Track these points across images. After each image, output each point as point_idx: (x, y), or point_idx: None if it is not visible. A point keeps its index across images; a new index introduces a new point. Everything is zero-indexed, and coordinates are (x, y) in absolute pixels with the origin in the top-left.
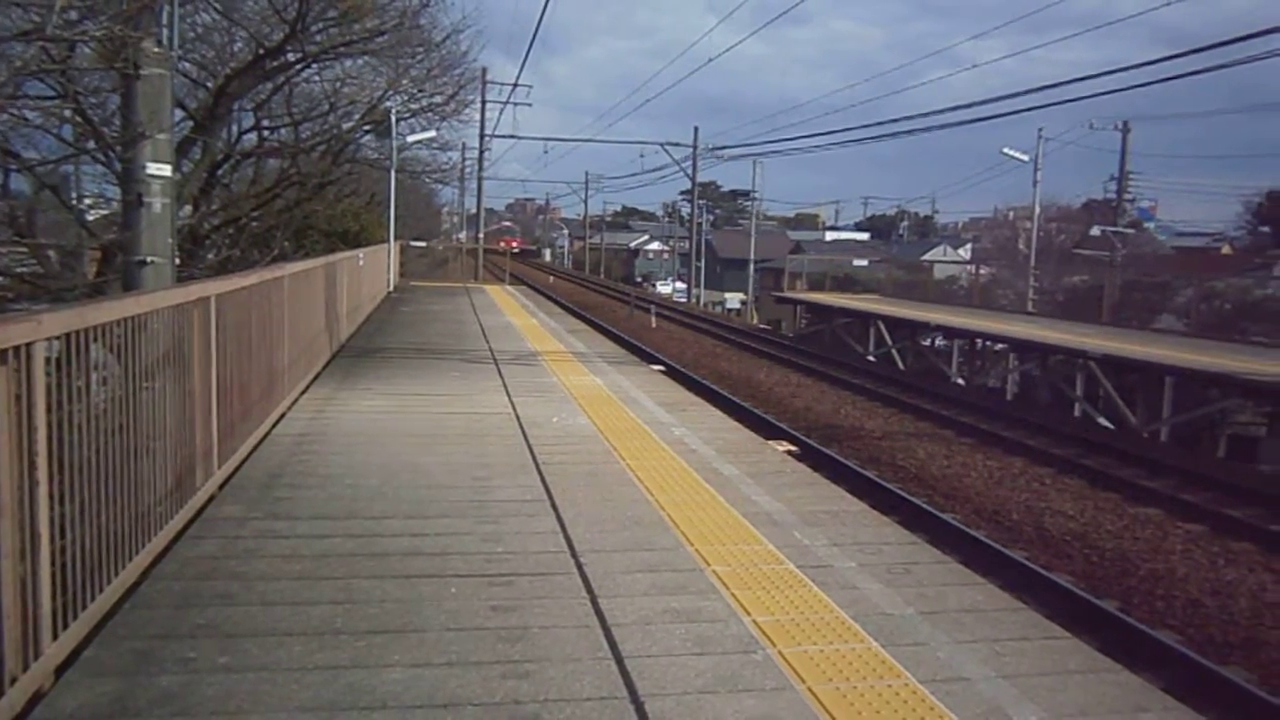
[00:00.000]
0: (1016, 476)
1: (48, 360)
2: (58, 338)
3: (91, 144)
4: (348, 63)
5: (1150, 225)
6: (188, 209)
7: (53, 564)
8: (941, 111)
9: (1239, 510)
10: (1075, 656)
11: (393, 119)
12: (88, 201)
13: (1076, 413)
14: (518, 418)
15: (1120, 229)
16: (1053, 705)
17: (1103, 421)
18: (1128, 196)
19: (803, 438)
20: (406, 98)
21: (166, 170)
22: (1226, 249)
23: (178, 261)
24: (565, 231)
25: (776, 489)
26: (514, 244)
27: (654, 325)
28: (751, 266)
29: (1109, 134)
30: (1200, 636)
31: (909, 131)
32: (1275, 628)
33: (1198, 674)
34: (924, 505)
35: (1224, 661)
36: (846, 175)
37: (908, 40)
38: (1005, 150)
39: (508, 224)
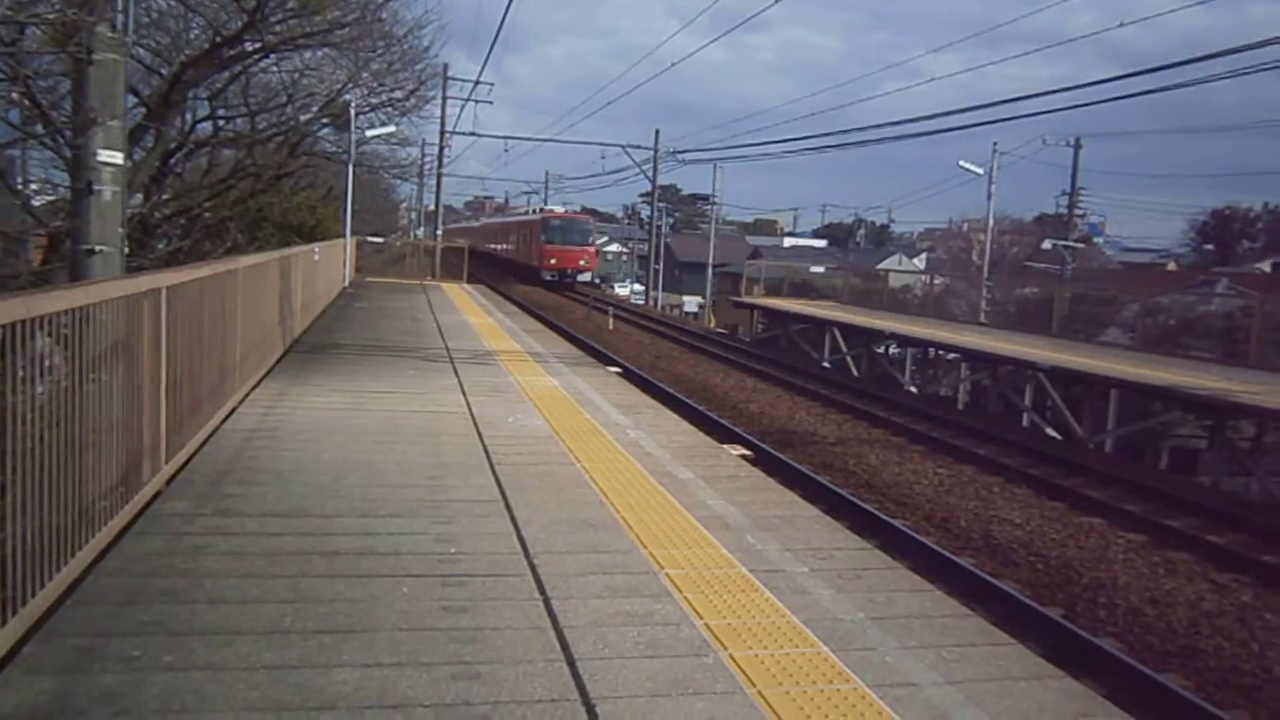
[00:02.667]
0: (966, 484)
1: None
2: (1, 327)
3: (40, 128)
4: (307, 54)
5: (1099, 240)
6: (139, 198)
7: None
8: (899, 123)
9: (1179, 521)
10: (1020, 663)
11: (352, 112)
12: (34, 187)
13: (1025, 423)
14: (473, 417)
15: (1071, 243)
16: (998, 711)
17: (1050, 432)
18: (1078, 212)
19: (757, 442)
20: (366, 91)
21: (118, 158)
22: (1172, 265)
23: (127, 251)
24: None
25: (730, 493)
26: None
27: (611, 327)
28: (710, 270)
29: (1061, 150)
30: (1140, 644)
31: (867, 142)
32: (1211, 636)
33: (1138, 681)
34: (875, 511)
35: (1162, 668)
36: (805, 182)
37: (865, 50)
38: (961, 163)
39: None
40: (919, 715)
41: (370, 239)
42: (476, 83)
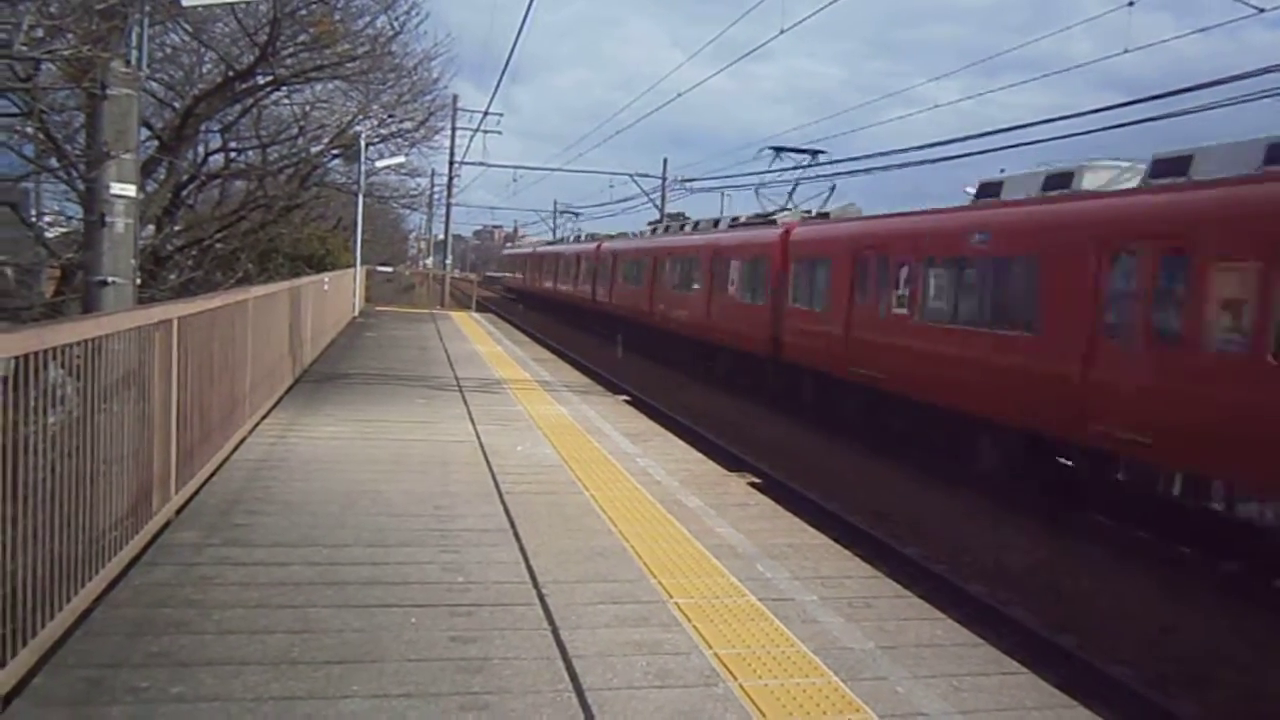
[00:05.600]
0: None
1: (2, 380)
2: (14, 358)
3: (54, 161)
4: (318, 87)
5: None
6: (151, 229)
7: (1, 589)
8: (903, 150)
9: None
10: (1032, 693)
11: (362, 143)
12: (47, 219)
13: None
14: (482, 446)
15: None
16: None
17: None
18: None
19: (767, 470)
20: (376, 123)
21: (131, 190)
22: None
23: (139, 282)
24: None
25: (739, 521)
26: None
27: (619, 355)
28: None
29: None
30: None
31: (873, 169)
32: None
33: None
34: (885, 539)
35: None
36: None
37: (865, 78)
38: (966, 189)
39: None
40: None
41: (380, 268)
42: (485, 113)
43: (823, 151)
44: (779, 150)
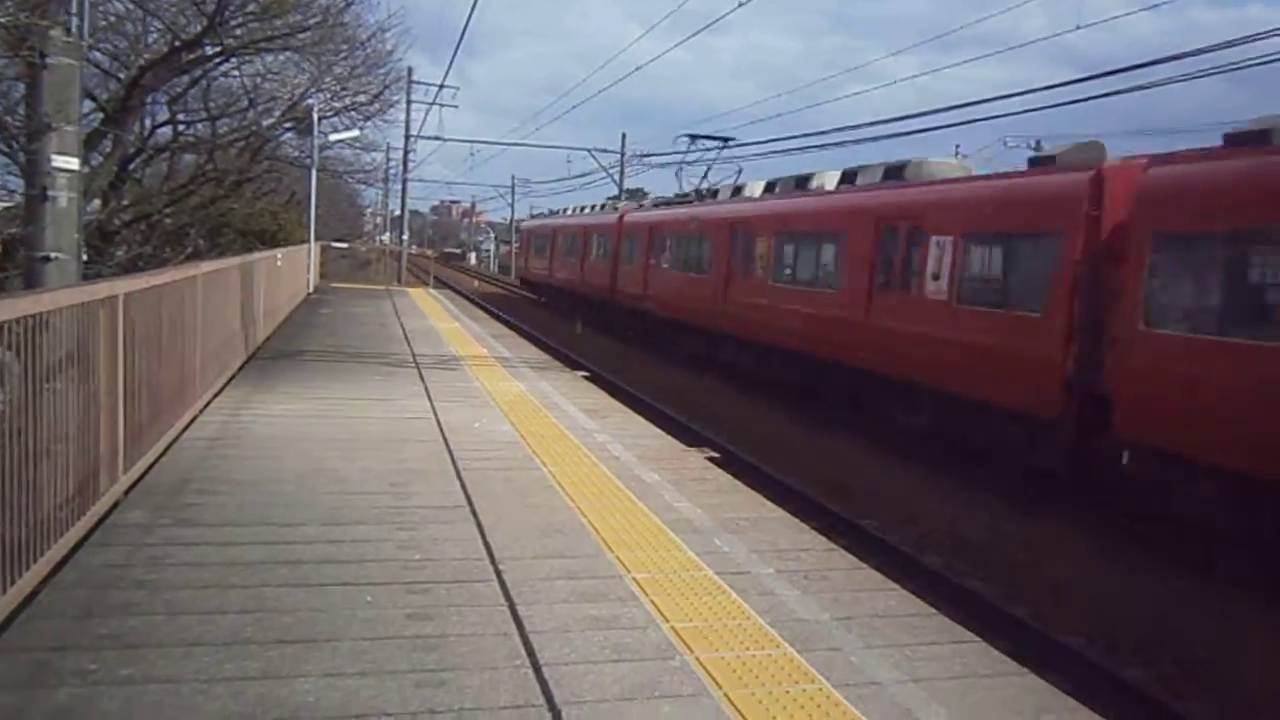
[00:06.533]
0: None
1: None
2: None
3: None
4: (269, 58)
5: None
6: (97, 204)
7: None
8: (860, 126)
9: None
10: (983, 660)
11: (315, 117)
12: None
13: None
14: (439, 423)
15: None
16: (960, 708)
17: None
18: None
19: (725, 444)
20: (330, 95)
21: (74, 163)
22: None
23: (85, 258)
24: (491, 235)
25: (697, 495)
26: None
27: (579, 331)
28: None
29: (1023, 152)
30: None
31: (829, 145)
32: None
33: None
34: (842, 512)
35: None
36: None
37: (823, 53)
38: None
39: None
40: (883, 714)
41: (335, 244)
42: (441, 86)
43: (732, 139)
44: (694, 137)
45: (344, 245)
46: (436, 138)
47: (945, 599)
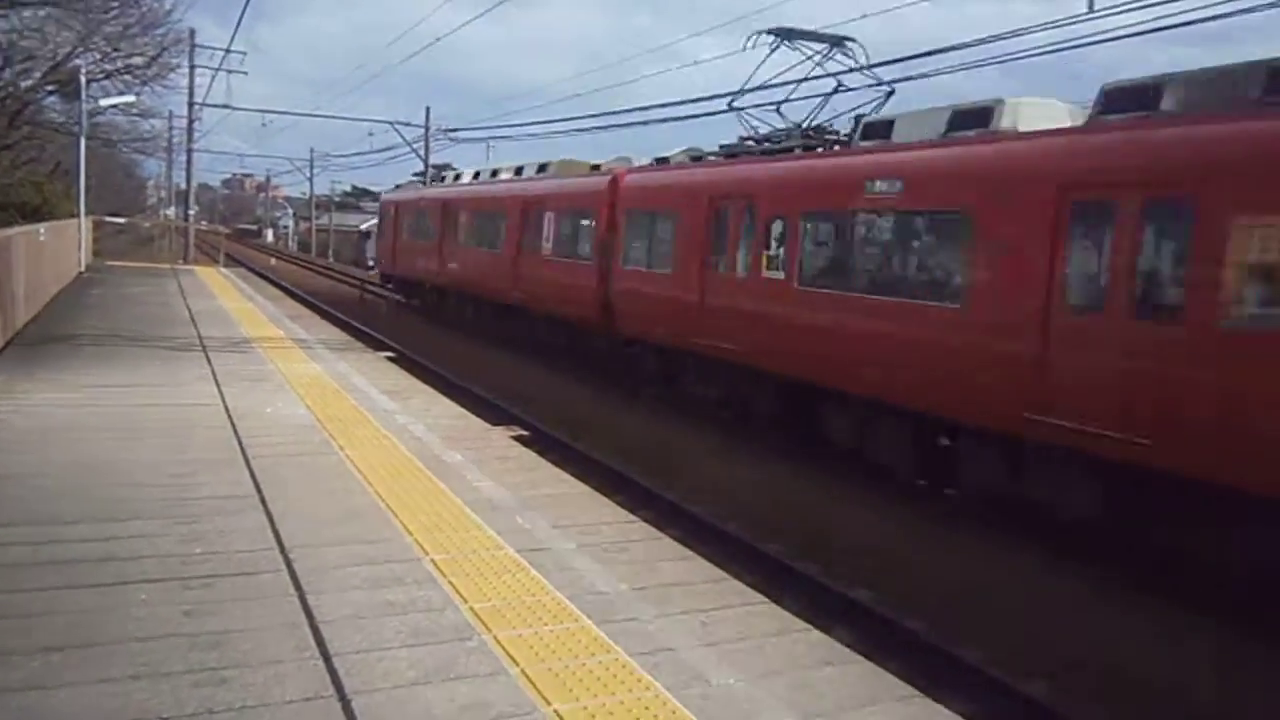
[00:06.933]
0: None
1: None
2: None
3: None
4: (26, 13)
5: None
6: None
7: None
8: (661, 106)
9: None
10: (772, 621)
11: (83, 79)
12: None
13: None
14: (227, 409)
15: None
16: (749, 666)
17: None
18: None
19: (531, 420)
20: (100, 56)
21: None
22: None
23: None
24: (290, 211)
25: (500, 474)
26: None
27: (385, 311)
28: None
29: None
30: None
31: (633, 124)
32: None
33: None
34: (639, 480)
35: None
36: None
37: (629, 31)
38: (721, 145)
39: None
40: (676, 677)
41: (110, 219)
42: (228, 51)
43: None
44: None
45: (121, 220)
46: (225, 105)
47: (734, 560)
